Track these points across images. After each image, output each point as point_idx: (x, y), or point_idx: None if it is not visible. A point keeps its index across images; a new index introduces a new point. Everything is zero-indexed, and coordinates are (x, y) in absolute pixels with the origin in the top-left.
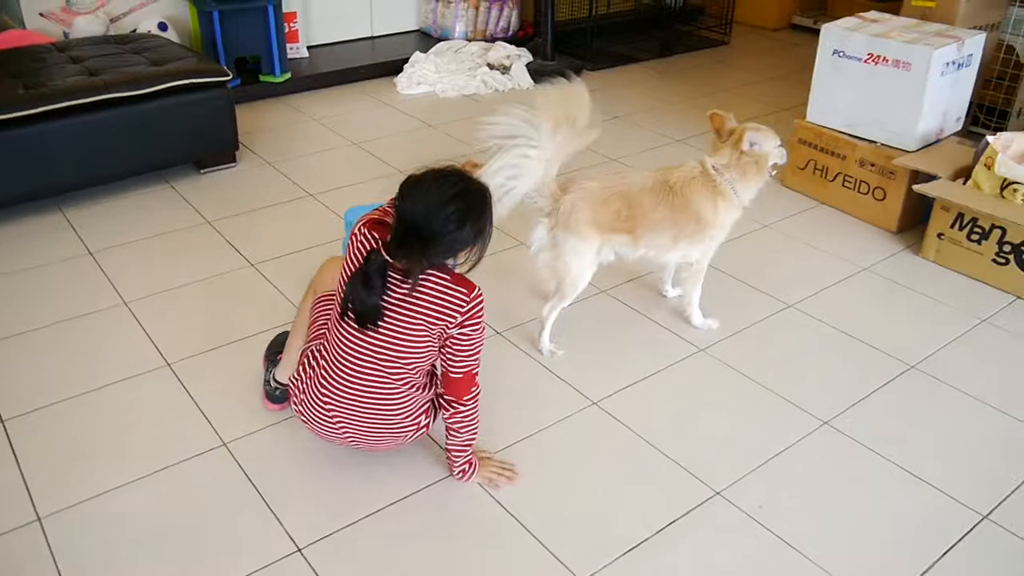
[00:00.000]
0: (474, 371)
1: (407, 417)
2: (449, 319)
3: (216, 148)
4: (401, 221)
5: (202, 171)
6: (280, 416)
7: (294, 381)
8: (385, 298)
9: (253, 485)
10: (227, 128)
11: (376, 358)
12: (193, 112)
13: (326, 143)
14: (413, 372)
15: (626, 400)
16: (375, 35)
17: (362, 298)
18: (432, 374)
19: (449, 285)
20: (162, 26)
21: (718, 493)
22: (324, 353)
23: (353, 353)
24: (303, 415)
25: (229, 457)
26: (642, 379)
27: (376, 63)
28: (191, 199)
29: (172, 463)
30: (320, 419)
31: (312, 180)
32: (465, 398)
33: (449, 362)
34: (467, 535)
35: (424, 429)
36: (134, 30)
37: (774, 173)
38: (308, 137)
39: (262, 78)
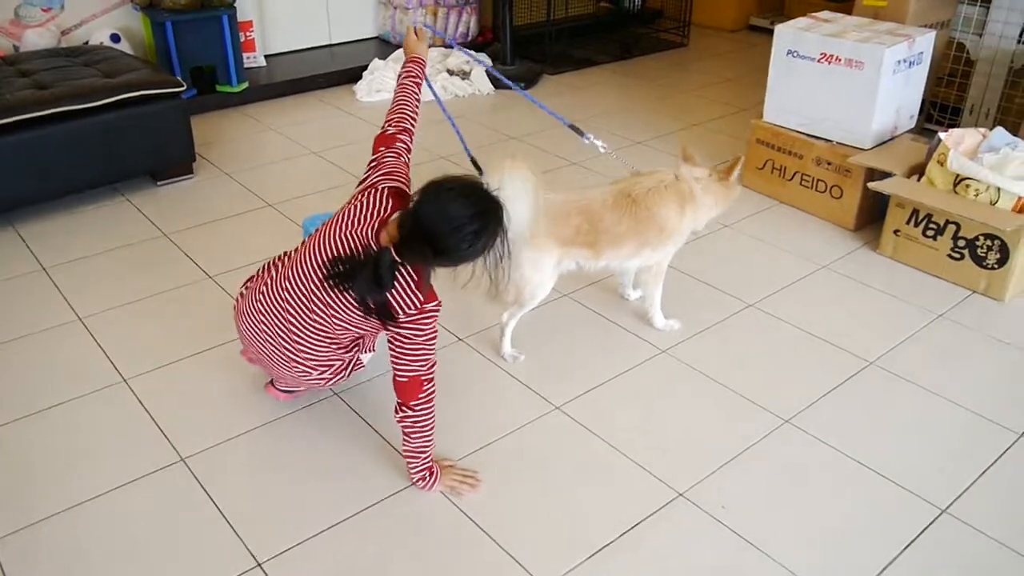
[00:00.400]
0: (422, 377)
1: (315, 363)
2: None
3: (172, 160)
4: (417, 225)
5: (159, 183)
6: (239, 430)
7: (247, 283)
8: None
9: (212, 500)
10: (183, 139)
11: (315, 304)
12: (147, 124)
13: (285, 152)
14: (339, 333)
15: (588, 404)
16: (333, 43)
17: (370, 291)
18: (361, 341)
19: (409, 288)
20: (114, 37)
21: (681, 495)
22: (279, 269)
23: (299, 288)
24: (240, 315)
25: (187, 473)
26: (604, 382)
27: (335, 71)
28: (147, 212)
29: (129, 480)
30: (249, 324)
31: (271, 190)
32: (412, 403)
33: (395, 363)
34: (430, 544)
35: (322, 382)
36: (86, 42)
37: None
38: (266, 147)
39: (219, 88)
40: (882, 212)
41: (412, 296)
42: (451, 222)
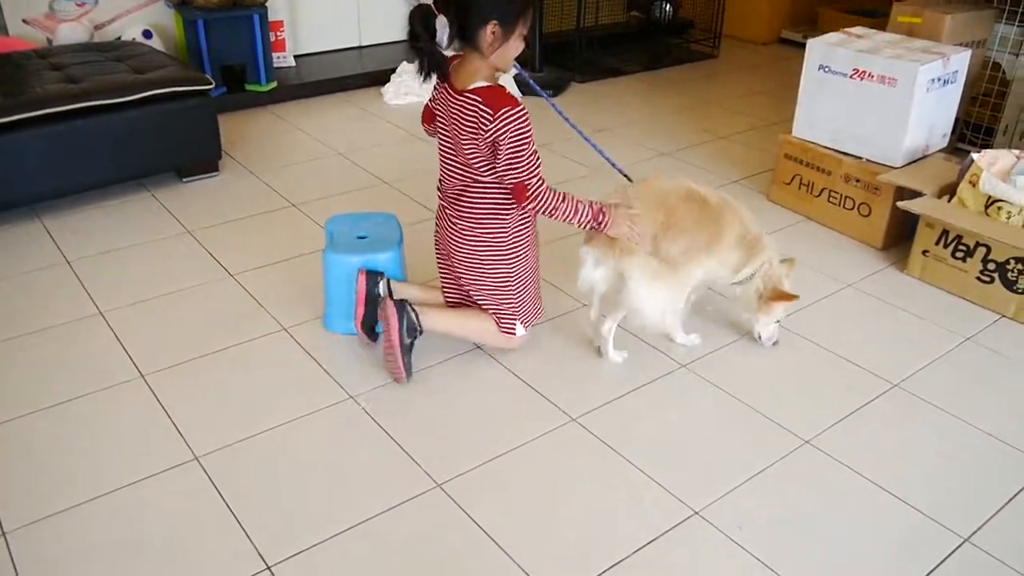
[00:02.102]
0: (526, 182)
1: (479, 228)
2: (481, 133)
3: (198, 157)
4: None
5: (184, 180)
6: (254, 430)
7: None
8: (439, 116)
9: (224, 500)
10: (209, 137)
11: (455, 166)
12: (175, 120)
13: (311, 153)
14: (484, 182)
15: (605, 416)
16: (363, 45)
17: (422, 49)
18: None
19: (478, 105)
20: (147, 34)
21: (696, 513)
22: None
23: (444, 167)
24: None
25: (201, 472)
26: (622, 395)
27: (363, 73)
28: (172, 208)
29: (143, 476)
30: (439, 235)
31: (295, 190)
32: (524, 204)
33: (501, 172)
34: (441, 555)
35: (490, 241)
36: (118, 38)
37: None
38: (293, 147)
39: (247, 87)
40: (911, 232)
41: (482, 111)
42: None
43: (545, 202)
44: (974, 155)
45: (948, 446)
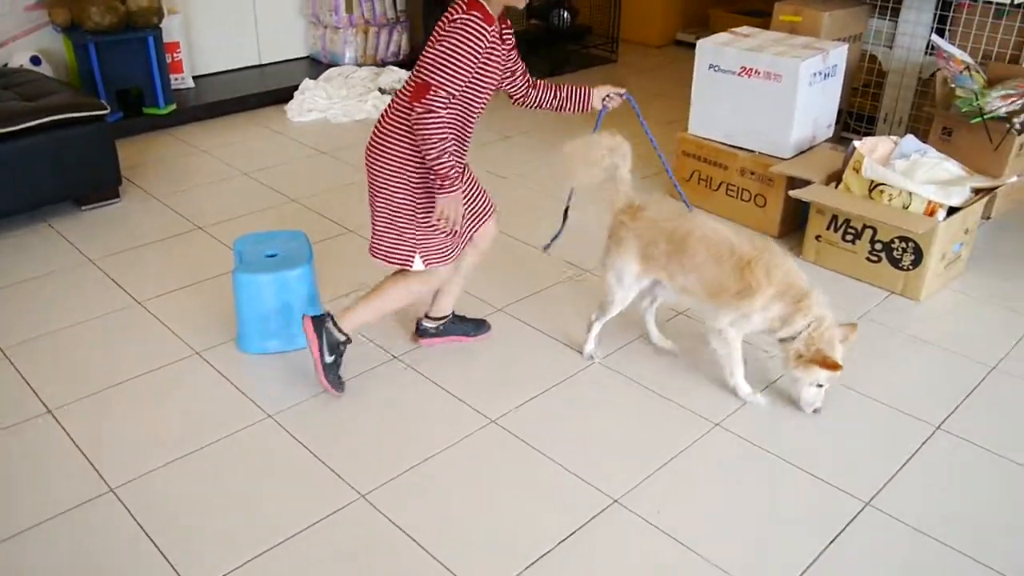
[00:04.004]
0: (432, 87)
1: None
2: (439, 25)
3: (97, 184)
4: None
5: (83, 208)
6: (170, 457)
7: None
8: None
9: (143, 530)
10: (107, 163)
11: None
12: (70, 148)
13: (215, 174)
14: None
15: (523, 416)
16: (263, 63)
17: None
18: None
19: (460, 4)
20: (35, 60)
21: (616, 500)
22: None
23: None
24: None
25: (117, 503)
26: (538, 394)
27: (265, 91)
28: (72, 238)
29: (58, 512)
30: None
31: (201, 213)
32: (416, 106)
33: (419, 62)
34: (369, 565)
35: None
36: (5, 65)
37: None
38: (196, 169)
39: (146, 111)
40: (804, 219)
41: (458, 6)
42: None
43: (430, 117)
44: (856, 143)
45: (845, 416)
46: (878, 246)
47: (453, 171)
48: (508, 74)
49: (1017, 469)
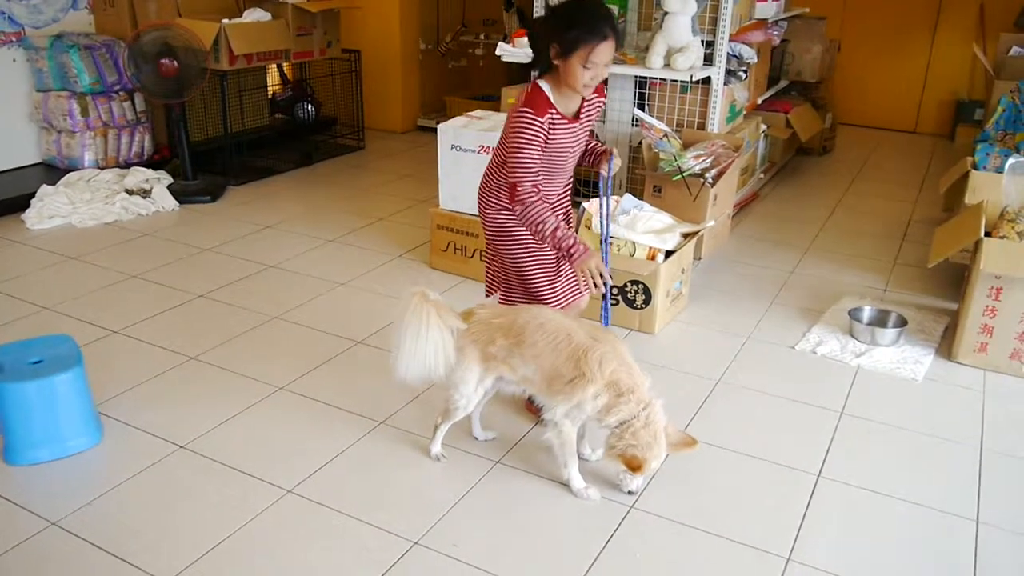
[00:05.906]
0: (516, 184)
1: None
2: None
3: None
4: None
5: None
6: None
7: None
8: None
9: None
10: None
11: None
12: None
13: None
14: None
15: (319, 480)
16: None
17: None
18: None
19: (526, 90)
20: None
21: (416, 543)
22: None
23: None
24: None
25: None
26: (331, 459)
27: None
28: None
29: None
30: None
31: None
32: (515, 207)
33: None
34: None
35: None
36: None
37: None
38: None
39: None
40: None
41: (518, 104)
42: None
43: (529, 205)
44: (584, 204)
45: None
46: (615, 291)
47: (568, 239)
48: (581, 145)
49: (750, 462)
